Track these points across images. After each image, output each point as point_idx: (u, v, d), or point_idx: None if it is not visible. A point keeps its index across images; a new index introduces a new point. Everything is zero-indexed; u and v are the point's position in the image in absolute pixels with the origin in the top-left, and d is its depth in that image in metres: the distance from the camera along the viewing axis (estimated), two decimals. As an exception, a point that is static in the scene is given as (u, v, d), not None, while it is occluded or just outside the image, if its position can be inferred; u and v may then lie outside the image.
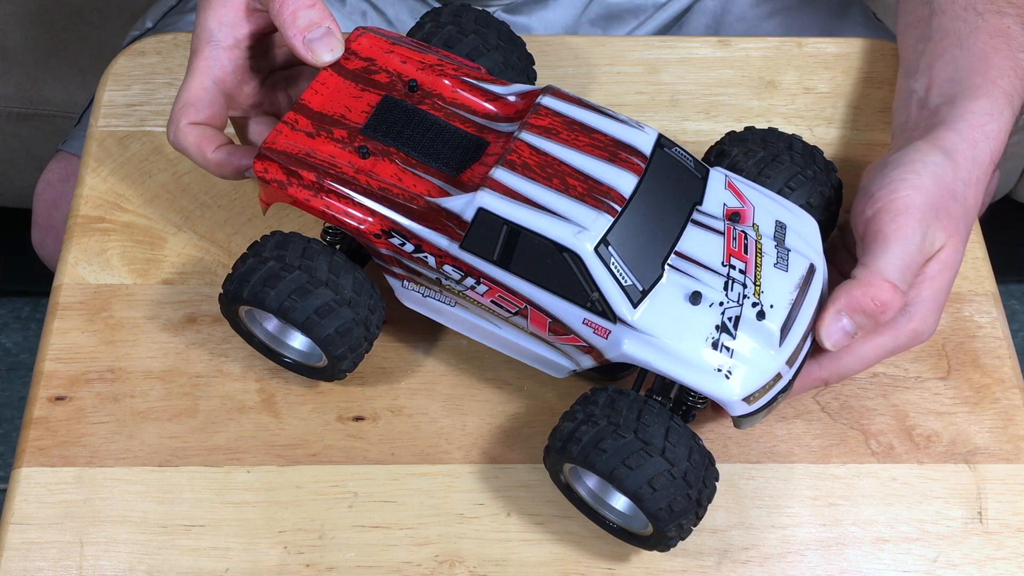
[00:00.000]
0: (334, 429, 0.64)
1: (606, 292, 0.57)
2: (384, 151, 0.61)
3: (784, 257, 0.59)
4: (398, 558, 0.61)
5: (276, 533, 0.61)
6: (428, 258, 0.59)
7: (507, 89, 0.63)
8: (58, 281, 0.69)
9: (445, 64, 0.63)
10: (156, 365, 0.66)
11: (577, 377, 0.63)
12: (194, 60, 0.65)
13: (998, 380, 0.67)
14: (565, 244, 0.56)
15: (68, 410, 0.64)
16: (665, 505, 0.55)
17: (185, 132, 0.64)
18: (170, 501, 0.62)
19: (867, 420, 0.65)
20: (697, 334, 0.57)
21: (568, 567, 0.61)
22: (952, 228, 0.61)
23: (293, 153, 0.60)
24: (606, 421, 0.56)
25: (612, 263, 0.56)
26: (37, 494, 0.62)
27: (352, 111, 0.62)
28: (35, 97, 1.16)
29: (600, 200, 0.57)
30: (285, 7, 0.62)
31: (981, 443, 0.65)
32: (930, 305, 0.61)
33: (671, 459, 0.55)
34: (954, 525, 0.63)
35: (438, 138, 0.61)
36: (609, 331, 0.58)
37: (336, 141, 0.61)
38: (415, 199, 0.59)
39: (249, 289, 0.60)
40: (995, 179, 1.00)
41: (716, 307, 0.57)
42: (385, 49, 0.64)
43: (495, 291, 0.59)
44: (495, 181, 0.57)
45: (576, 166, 0.58)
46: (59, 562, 0.60)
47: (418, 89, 0.62)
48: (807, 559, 0.62)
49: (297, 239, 0.61)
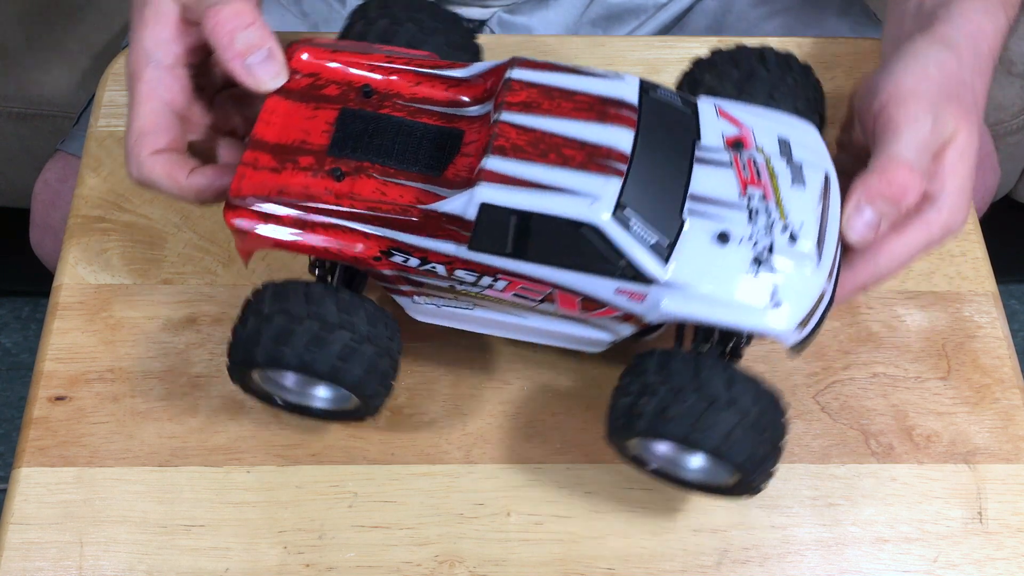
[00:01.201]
0: (334, 429, 0.64)
1: (633, 257, 0.54)
2: (358, 168, 0.57)
3: (798, 173, 0.57)
4: (398, 558, 0.61)
5: (276, 533, 0.61)
6: (437, 268, 0.56)
7: (467, 71, 0.59)
8: (58, 281, 0.69)
9: (394, 60, 0.60)
10: (156, 365, 0.66)
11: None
12: (136, 85, 0.60)
13: (998, 380, 0.67)
14: (581, 219, 0.53)
15: (68, 410, 0.64)
16: (747, 456, 0.54)
17: (150, 163, 0.59)
18: (170, 501, 0.62)
19: (867, 420, 0.65)
20: (735, 274, 0.54)
21: (568, 567, 0.61)
22: (963, 114, 0.59)
23: (264, 195, 0.56)
24: (665, 388, 0.55)
25: (632, 225, 0.54)
26: (37, 494, 0.62)
27: (311, 133, 0.58)
28: (35, 97, 1.16)
29: (603, 164, 0.54)
30: (220, 28, 0.57)
31: (981, 443, 0.65)
32: (957, 195, 0.59)
33: (741, 410, 0.54)
34: (954, 525, 0.63)
35: (409, 140, 0.58)
36: (645, 294, 0.55)
37: (305, 170, 0.57)
38: (407, 210, 0.56)
39: (261, 351, 0.56)
40: (996, 177, 1.00)
41: (746, 242, 0.55)
42: (327, 59, 0.60)
43: (516, 284, 0.56)
44: (490, 172, 0.54)
45: (568, 135, 0.55)
46: (59, 562, 0.60)
47: (373, 93, 0.59)
48: (807, 559, 0.62)
49: (295, 286, 0.57)
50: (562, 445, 0.64)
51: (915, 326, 0.69)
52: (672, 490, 0.63)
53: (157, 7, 0.59)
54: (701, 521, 0.62)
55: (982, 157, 0.98)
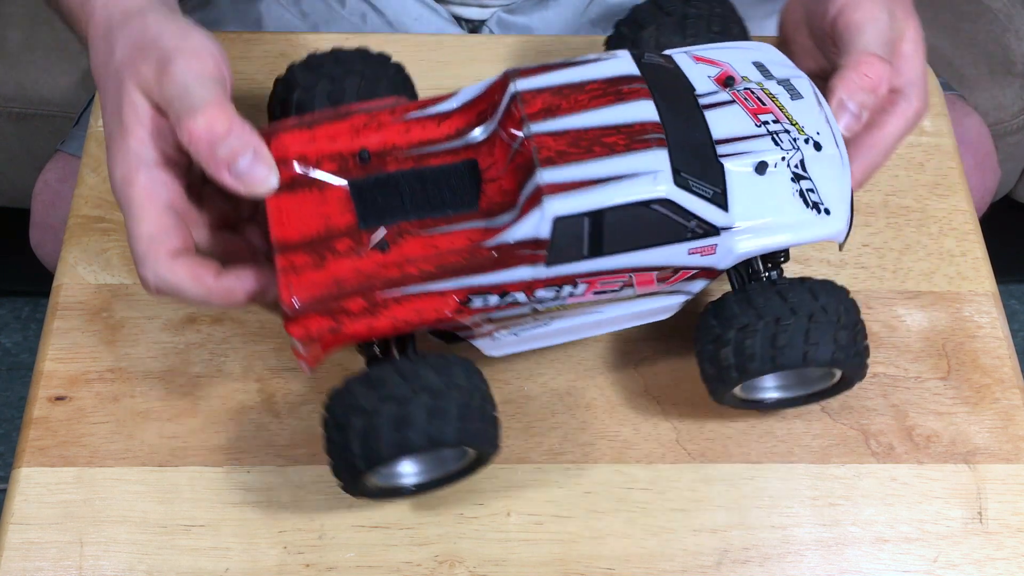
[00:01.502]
0: (334, 429, 0.64)
1: (701, 214, 0.56)
2: (397, 232, 0.55)
3: (790, 88, 0.60)
4: (398, 558, 0.61)
5: (276, 533, 0.61)
6: (517, 296, 0.56)
7: (453, 101, 0.59)
8: (58, 281, 0.69)
9: (374, 115, 0.58)
10: (156, 365, 0.66)
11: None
12: (131, 190, 0.56)
13: (998, 380, 0.67)
14: (650, 197, 0.54)
15: (68, 410, 0.64)
16: (855, 353, 0.59)
17: (171, 267, 0.55)
18: (170, 501, 0.62)
19: (867, 420, 0.65)
20: (784, 197, 0.58)
21: (568, 567, 0.61)
22: (908, 10, 0.65)
23: (322, 293, 0.54)
24: (763, 322, 0.57)
25: (692, 186, 0.55)
26: (37, 494, 0.62)
27: (331, 216, 0.56)
28: (35, 97, 1.16)
29: (644, 140, 0.55)
30: (197, 143, 0.54)
31: (981, 443, 0.65)
32: (920, 83, 0.64)
33: (834, 315, 0.58)
34: (954, 525, 0.63)
35: (429, 186, 0.57)
36: (715, 245, 0.57)
37: (347, 254, 0.55)
38: (470, 253, 0.55)
39: (385, 446, 0.54)
40: (996, 177, 1.00)
41: (781, 164, 0.58)
42: (307, 139, 0.57)
43: (595, 282, 0.57)
44: (549, 185, 0.54)
45: (600, 124, 0.55)
46: (59, 562, 0.60)
47: (371, 156, 0.57)
48: (807, 559, 0.62)
49: (383, 371, 0.55)
50: (562, 445, 0.64)
51: (915, 326, 0.69)
52: (672, 490, 0.63)
53: (135, 109, 0.57)
54: (701, 521, 0.62)
55: (982, 157, 0.99)
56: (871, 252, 0.71)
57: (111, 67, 0.58)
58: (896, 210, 0.73)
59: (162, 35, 0.57)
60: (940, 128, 0.76)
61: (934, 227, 0.72)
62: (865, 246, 0.71)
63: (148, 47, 0.57)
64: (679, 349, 0.67)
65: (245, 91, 0.76)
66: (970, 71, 1.16)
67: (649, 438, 0.64)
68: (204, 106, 0.54)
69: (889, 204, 0.73)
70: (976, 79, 1.16)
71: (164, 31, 0.58)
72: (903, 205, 0.73)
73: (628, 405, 0.65)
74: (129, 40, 0.58)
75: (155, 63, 0.56)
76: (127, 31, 0.59)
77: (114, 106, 0.58)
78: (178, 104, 0.55)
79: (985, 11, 1.19)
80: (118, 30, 0.59)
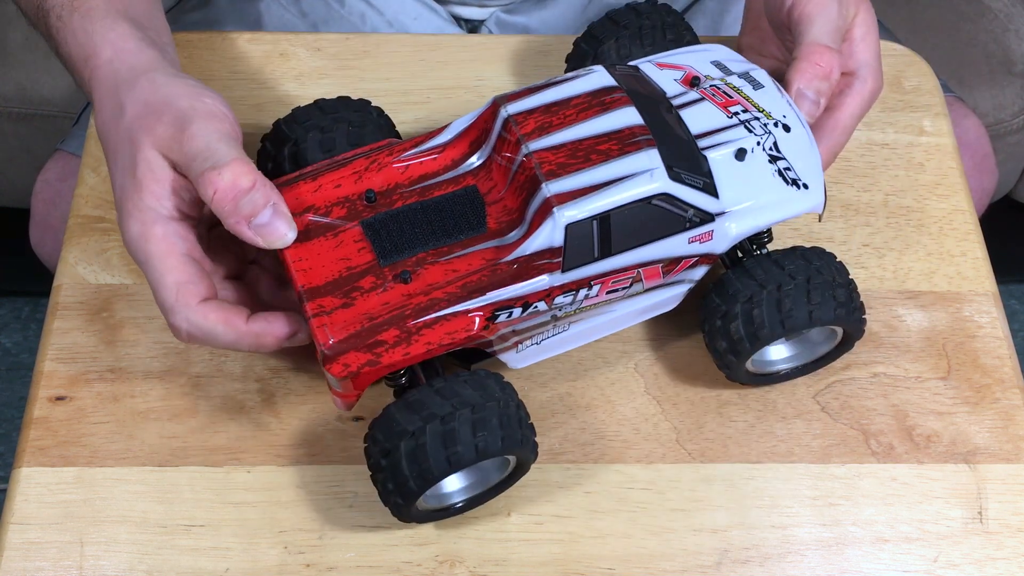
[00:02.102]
0: (334, 429, 0.64)
1: (696, 203, 0.59)
2: (416, 262, 0.59)
3: (750, 79, 0.64)
4: (398, 558, 0.61)
5: (276, 533, 0.61)
6: (538, 305, 0.59)
7: (445, 135, 0.62)
8: (58, 281, 0.69)
9: (372, 157, 0.61)
10: (156, 365, 0.66)
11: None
12: (149, 244, 0.57)
13: (998, 380, 0.67)
14: (650, 193, 0.57)
15: (68, 410, 0.64)
16: (854, 308, 0.62)
17: (203, 313, 0.57)
18: (170, 501, 0.62)
19: (867, 420, 0.65)
20: (765, 177, 0.62)
21: (568, 567, 0.61)
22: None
23: (356, 330, 0.57)
24: (766, 291, 0.61)
25: (684, 178, 0.59)
26: (37, 494, 0.62)
27: (350, 258, 0.59)
28: (35, 97, 1.16)
29: (634, 143, 0.58)
30: (224, 196, 0.56)
31: (981, 443, 0.65)
32: (874, 63, 0.68)
33: (832, 277, 0.61)
34: (954, 525, 0.63)
35: (437, 216, 0.60)
36: (711, 231, 0.60)
37: (372, 290, 0.58)
38: (489, 271, 0.58)
39: (435, 463, 0.55)
40: (994, 178, 1.00)
41: (758, 148, 0.62)
42: (312, 189, 0.61)
43: (607, 282, 0.60)
44: (557, 195, 0.57)
45: (591, 134, 0.59)
46: (59, 562, 0.60)
47: (376, 196, 0.61)
48: (807, 559, 0.62)
49: (421, 393, 0.57)
50: (562, 445, 0.64)
51: (915, 326, 0.69)
52: (672, 490, 0.63)
53: (150, 167, 0.58)
54: (701, 521, 0.62)
55: (980, 158, 0.99)
56: (871, 252, 0.71)
57: (122, 126, 0.60)
58: (896, 210, 0.73)
59: (176, 96, 0.59)
60: (940, 128, 0.76)
61: (934, 227, 0.72)
62: (865, 246, 0.71)
63: (162, 108, 0.59)
64: (679, 349, 0.67)
65: (244, 92, 0.76)
66: (970, 71, 1.16)
67: (649, 438, 0.64)
68: (230, 162, 0.57)
69: (889, 204, 0.73)
70: (976, 79, 1.16)
71: (176, 92, 0.59)
72: (903, 205, 0.73)
73: (628, 405, 0.65)
74: (140, 100, 0.59)
75: (172, 123, 0.58)
76: (137, 91, 0.60)
77: (126, 163, 0.59)
78: (201, 160, 0.57)
79: (985, 11, 1.18)
80: (126, 89, 0.60)
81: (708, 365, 0.65)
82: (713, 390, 0.66)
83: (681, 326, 0.67)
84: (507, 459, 0.59)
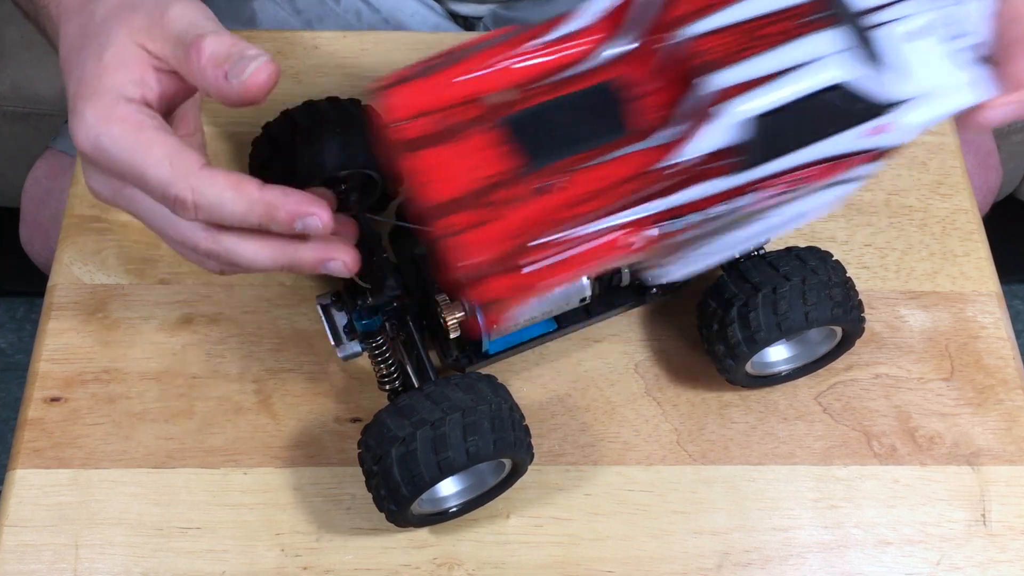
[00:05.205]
0: (332, 430, 0.64)
1: (873, 92, 0.50)
2: (561, 170, 0.50)
3: None
4: (396, 561, 0.60)
5: (274, 535, 0.61)
6: (699, 215, 0.51)
7: (568, 23, 0.53)
8: (53, 281, 0.68)
9: (496, 49, 0.52)
10: (152, 366, 0.66)
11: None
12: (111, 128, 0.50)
13: (1001, 381, 0.66)
14: (832, 82, 0.48)
15: (63, 411, 0.64)
16: (851, 307, 0.61)
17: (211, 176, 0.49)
18: (166, 503, 0.62)
19: (869, 421, 0.65)
20: (942, 61, 0.52)
21: (568, 570, 0.60)
22: None
23: (497, 251, 0.49)
24: (761, 294, 0.60)
25: (864, 63, 0.49)
26: (32, 496, 0.61)
27: (484, 164, 0.50)
28: (30, 96, 1.15)
29: (807, 23, 0.49)
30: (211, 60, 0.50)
31: (984, 445, 0.64)
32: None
33: (827, 276, 0.60)
34: (957, 527, 0.62)
35: (581, 116, 0.51)
36: (891, 122, 0.50)
37: (512, 203, 0.49)
38: (643, 178, 0.49)
39: (426, 469, 0.54)
40: (998, 176, 1.00)
41: (933, 30, 0.51)
42: (424, 90, 0.51)
43: (778, 184, 0.51)
44: (725, 89, 0.48)
45: (756, 14, 0.49)
46: (54, 565, 0.60)
47: (503, 94, 0.51)
48: (808, 561, 0.61)
49: (411, 398, 0.55)
50: (562, 447, 0.64)
51: (918, 326, 0.68)
52: (672, 492, 0.62)
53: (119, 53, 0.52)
54: (702, 524, 0.62)
55: (983, 156, 0.99)
56: (874, 252, 0.71)
57: (92, 26, 0.53)
58: (899, 210, 0.73)
59: None
60: (943, 127, 0.76)
61: (937, 227, 0.72)
62: (868, 246, 0.71)
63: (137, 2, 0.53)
64: (679, 350, 0.67)
65: (242, 89, 0.76)
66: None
67: (649, 440, 0.64)
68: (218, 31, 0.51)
69: (891, 203, 0.73)
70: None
71: None
72: (906, 204, 0.73)
73: (628, 407, 0.65)
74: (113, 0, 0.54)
75: (151, 11, 0.52)
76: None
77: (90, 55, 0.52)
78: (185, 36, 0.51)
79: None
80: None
81: (709, 366, 0.65)
82: (714, 391, 0.66)
83: (682, 327, 0.67)
84: (502, 462, 0.59)
